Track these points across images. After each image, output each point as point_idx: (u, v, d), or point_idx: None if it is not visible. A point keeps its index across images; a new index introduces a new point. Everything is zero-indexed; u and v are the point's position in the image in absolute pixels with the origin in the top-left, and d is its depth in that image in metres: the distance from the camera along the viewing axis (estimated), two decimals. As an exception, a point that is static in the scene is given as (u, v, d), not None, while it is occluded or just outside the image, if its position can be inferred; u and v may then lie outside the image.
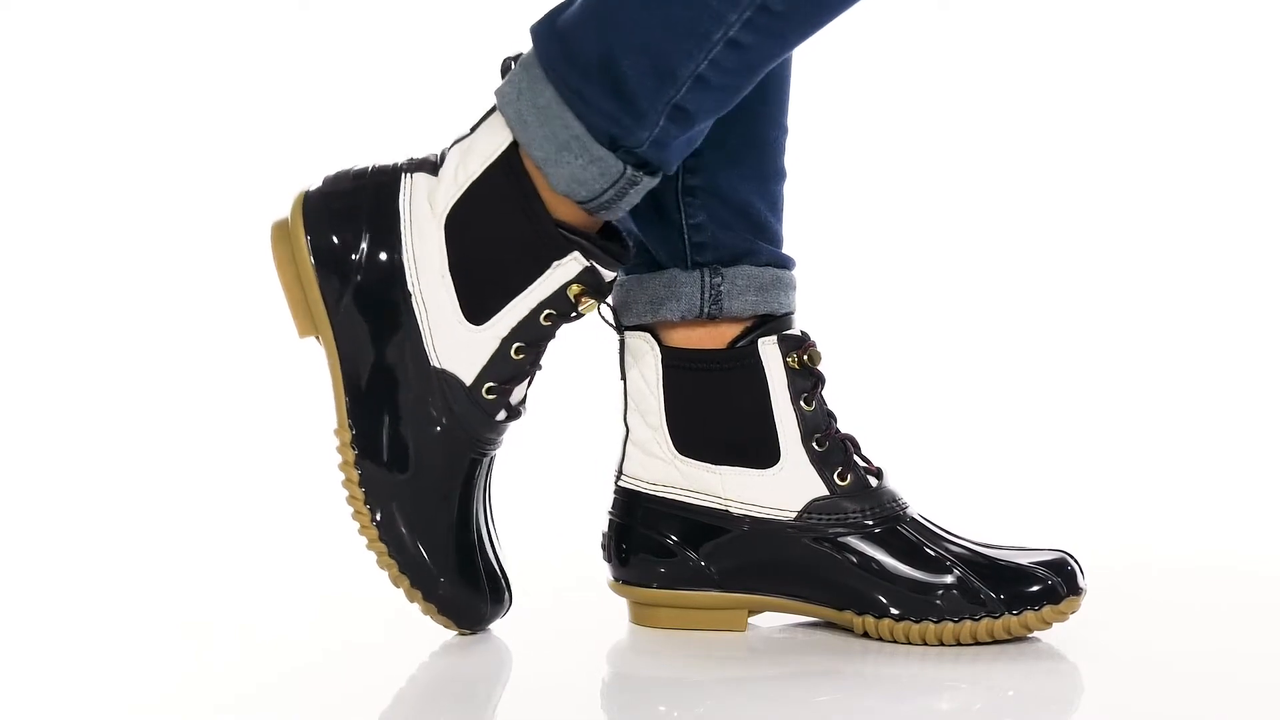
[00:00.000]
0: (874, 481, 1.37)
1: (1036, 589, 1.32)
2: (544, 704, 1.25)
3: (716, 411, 1.38)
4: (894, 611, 1.34)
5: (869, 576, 1.35)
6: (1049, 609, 1.32)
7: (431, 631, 1.36)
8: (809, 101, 1.52)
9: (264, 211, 1.39)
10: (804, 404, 1.37)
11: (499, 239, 1.33)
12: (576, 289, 1.33)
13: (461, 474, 1.35)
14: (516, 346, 1.34)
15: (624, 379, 1.41)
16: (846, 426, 1.39)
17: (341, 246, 1.35)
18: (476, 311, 1.34)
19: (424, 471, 1.34)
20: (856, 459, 1.38)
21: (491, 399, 1.34)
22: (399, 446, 1.34)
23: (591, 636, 1.38)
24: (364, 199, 1.35)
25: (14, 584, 1.61)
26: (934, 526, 1.37)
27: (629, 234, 1.39)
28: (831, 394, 1.39)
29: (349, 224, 1.35)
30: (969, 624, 1.33)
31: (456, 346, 1.34)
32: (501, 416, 1.35)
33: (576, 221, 1.32)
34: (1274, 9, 2.47)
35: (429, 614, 1.34)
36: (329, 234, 1.35)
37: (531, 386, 1.37)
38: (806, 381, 1.38)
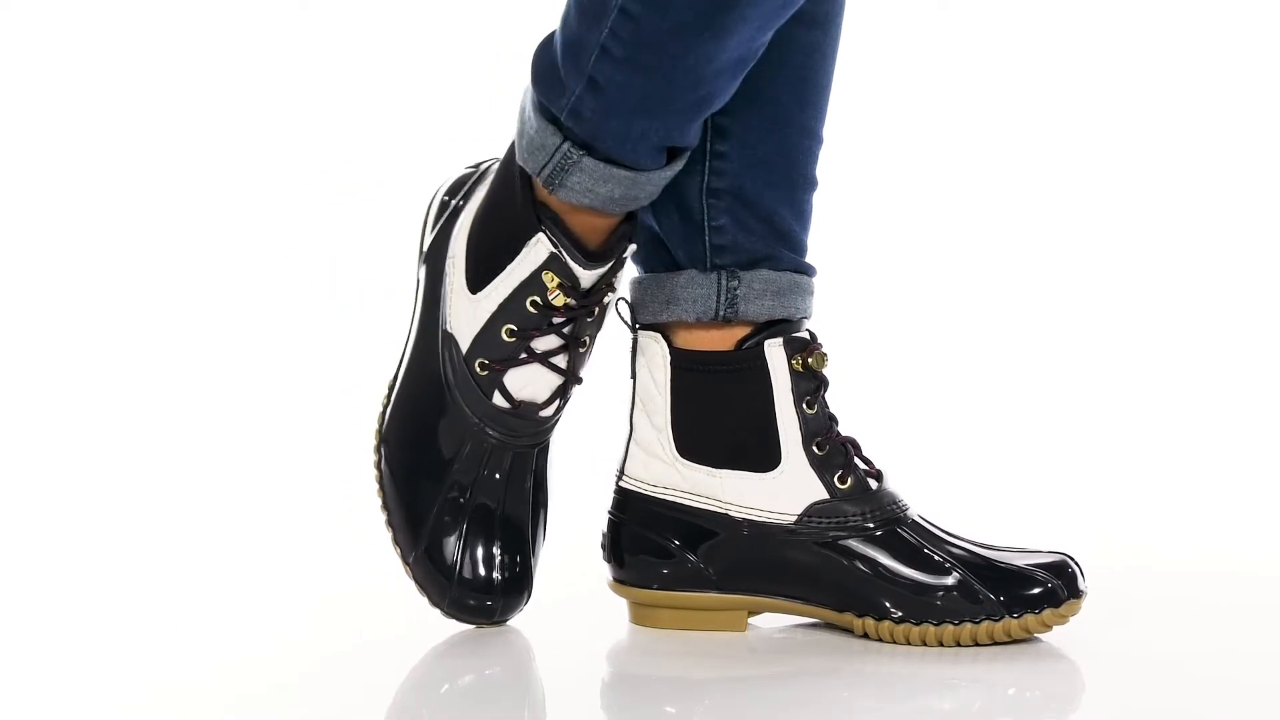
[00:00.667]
0: (874, 484, 1.37)
1: (1037, 592, 1.32)
2: (544, 704, 1.25)
3: (721, 414, 1.38)
4: (894, 613, 1.34)
5: (870, 579, 1.35)
6: (1049, 612, 1.32)
7: (431, 631, 1.36)
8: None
9: (264, 211, 1.39)
10: (806, 407, 1.37)
11: (500, 214, 1.36)
12: (551, 279, 1.34)
13: (463, 455, 1.36)
14: (507, 329, 1.36)
15: (633, 377, 1.41)
16: (848, 428, 1.39)
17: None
18: (475, 281, 1.37)
19: (424, 435, 1.37)
20: (857, 461, 1.38)
21: (484, 375, 1.36)
22: (408, 399, 1.38)
23: (591, 636, 1.38)
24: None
25: (14, 584, 1.61)
26: (934, 528, 1.37)
27: (646, 230, 1.40)
28: (834, 395, 1.39)
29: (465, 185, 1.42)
30: (969, 626, 1.33)
31: (460, 311, 1.37)
32: (500, 403, 1.36)
33: (562, 211, 1.34)
34: (1274, 9, 2.47)
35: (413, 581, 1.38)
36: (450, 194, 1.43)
37: (565, 406, 1.38)
38: (809, 384, 1.38)
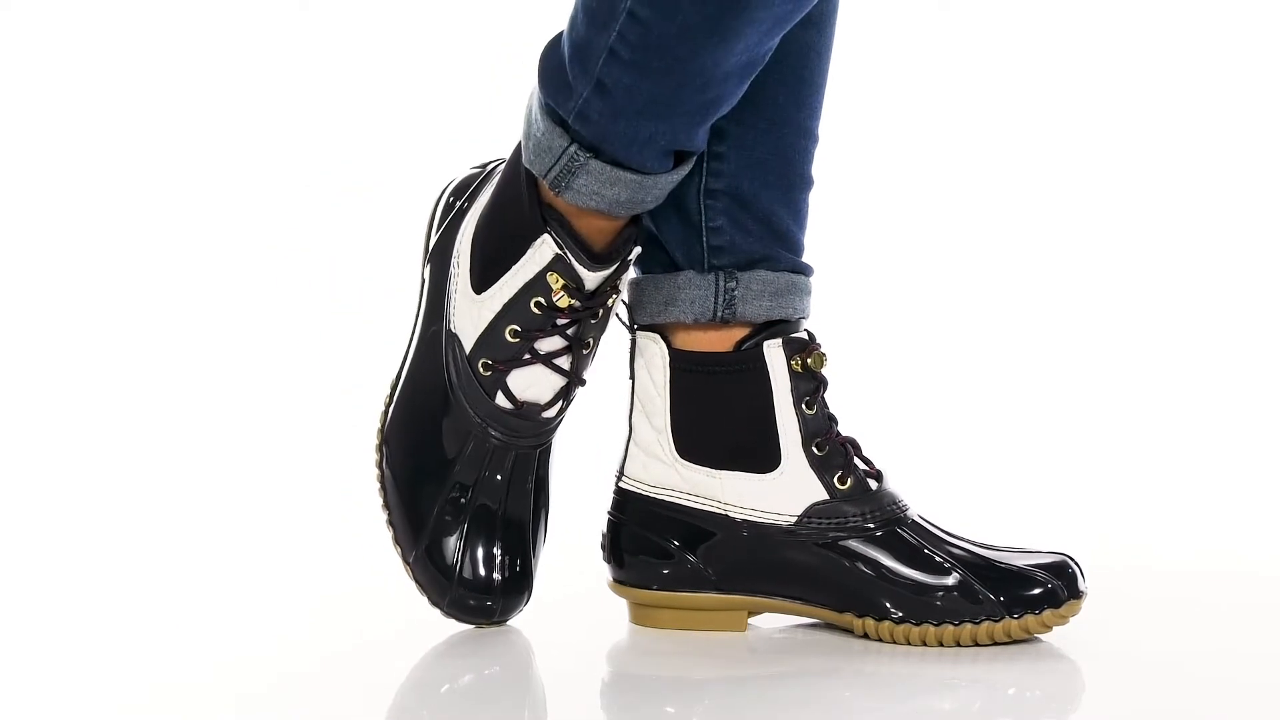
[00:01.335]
0: (874, 484, 1.37)
1: (1037, 592, 1.32)
2: (544, 704, 1.25)
3: (720, 415, 1.38)
4: (895, 614, 1.34)
5: (870, 579, 1.35)
6: (1049, 613, 1.32)
7: (431, 631, 1.36)
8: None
9: (263, 211, 1.39)
10: (805, 407, 1.37)
11: (506, 215, 1.36)
12: (556, 280, 1.34)
13: (465, 455, 1.36)
14: (511, 329, 1.35)
15: (632, 378, 1.41)
16: (848, 428, 1.39)
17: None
18: (479, 281, 1.37)
19: (426, 435, 1.37)
20: (857, 461, 1.38)
21: (487, 375, 1.36)
22: (411, 399, 1.38)
23: (591, 636, 1.38)
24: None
25: (15, 584, 1.61)
26: (934, 528, 1.36)
27: (643, 231, 1.39)
28: (834, 395, 1.39)
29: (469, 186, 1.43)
30: (969, 626, 1.33)
31: (464, 311, 1.37)
32: (503, 404, 1.36)
33: (568, 213, 1.34)
34: (1274, 9, 2.47)
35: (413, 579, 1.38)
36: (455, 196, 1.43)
37: (568, 408, 1.38)
38: (809, 385, 1.38)
